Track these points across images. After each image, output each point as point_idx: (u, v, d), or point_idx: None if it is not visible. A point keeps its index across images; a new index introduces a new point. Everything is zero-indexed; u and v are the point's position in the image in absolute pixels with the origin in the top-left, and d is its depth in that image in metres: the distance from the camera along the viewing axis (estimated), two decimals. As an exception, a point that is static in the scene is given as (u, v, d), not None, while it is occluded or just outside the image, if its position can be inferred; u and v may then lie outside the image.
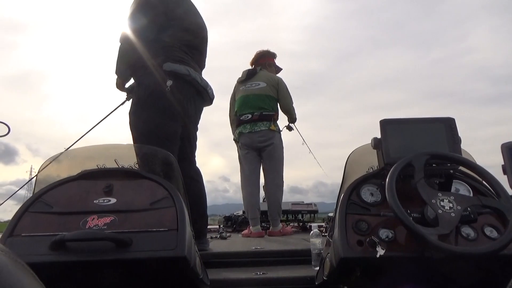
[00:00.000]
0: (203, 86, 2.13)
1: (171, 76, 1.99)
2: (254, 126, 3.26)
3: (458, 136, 1.18)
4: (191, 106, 2.11)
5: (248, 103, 3.33)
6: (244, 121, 3.31)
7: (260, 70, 3.46)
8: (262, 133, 3.24)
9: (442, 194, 1.00)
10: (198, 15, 2.26)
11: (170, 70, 1.99)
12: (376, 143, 1.18)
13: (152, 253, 0.94)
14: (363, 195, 1.14)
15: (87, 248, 0.93)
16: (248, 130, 3.28)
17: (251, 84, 3.39)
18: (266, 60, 3.54)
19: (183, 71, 2.02)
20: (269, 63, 3.55)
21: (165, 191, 1.09)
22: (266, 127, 3.24)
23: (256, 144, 3.27)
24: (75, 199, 1.07)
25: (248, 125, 3.29)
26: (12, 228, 0.98)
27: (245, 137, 3.30)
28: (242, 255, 1.96)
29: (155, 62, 2.00)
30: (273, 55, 3.61)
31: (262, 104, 3.30)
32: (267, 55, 3.57)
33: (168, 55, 2.02)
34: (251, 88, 3.37)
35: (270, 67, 3.54)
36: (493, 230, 1.05)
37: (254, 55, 3.60)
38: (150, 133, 1.95)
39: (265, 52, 3.58)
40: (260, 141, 3.25)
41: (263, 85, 3.35)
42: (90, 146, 1.38)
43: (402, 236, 1.02)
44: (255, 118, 3.26)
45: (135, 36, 1.97)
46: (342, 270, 1.06)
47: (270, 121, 3.27)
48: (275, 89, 3.35)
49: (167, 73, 1.99)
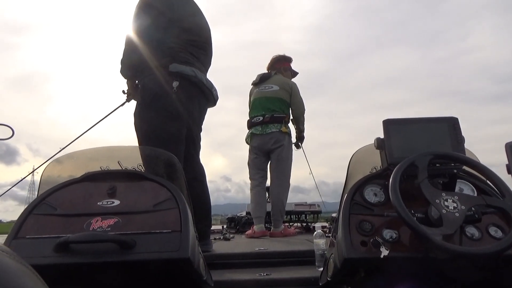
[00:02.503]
0: (208, 87, 2.14)
1: (177, 77, 2.00)
2: (266, 128, 3.29)
3: (462, 135, 1.17)
4: (196, 107, 2.12)
5: (260, 106, 3.38)
6: (255, 123, 3.35)
7: (274, 75, 3.49)
8: (273, 135, 3.27)
9: (446, 194, 1.00)
10: (202, 16, 2.27)
11: (176, 71, 2.00)
12: (379, 143, 1.18)
13: (155, 255, 0.94)
14: (366, 196, 1.13)
15: (91, 250, 0.93)
16: (259, 132, 3.31)
17: (264, 87, 3.43)
18: (282, 65, 3.57)
19: (189, 72, 2.03)
20: (284, 67, 3.57)
21: (168, 193, 1.09)
22: (277, 129, 3.27)
23: (267, 146, 3.29)
24: (79, 201, 1.08)
25: (259, 127, 3.32)
26: (16, 230, 0.99)
27: (257, 139, 3.34)
28: (246, 256, 1.96)
29: (161, 63, 2.00)
30: (288, 60, 3.63)
31: (273, 107, 3.33)
32: (282, 60, 3.59)
33: (174, 56, 2.03)
34: (264, 91, 3.41)
35: (285, 71, 3.57)
36: (497, 230, 1.04)
37: (270, 60, 3.62)
38: (155, 134, 1.95)
39: (280, 57, 3.60)
40: (271, 143, 3.27)
41: (276, 88, 3.37)
42: (93, 148, 1.39)
43: (406, 236, 1.02)
44: (266, 120, 3.29)
45: (139, 37, 1.97)
46: (346, 270, 1.05)
47: (281, 123, 3.29)
48: (288, 94, 3.37)
49: (173, 74, 1.99)
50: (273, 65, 3.58)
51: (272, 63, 3.59)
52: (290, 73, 3.59)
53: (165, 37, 2.04)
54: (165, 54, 2.02)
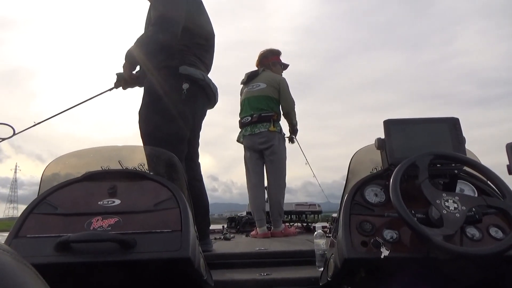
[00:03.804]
0: (213, 91, 2.17)
1: (187, 79, 2.00)
2: (254, 128, 3.27)
3: (463, 136, 1.17)
4: (199, 109, 2.13)
5: (248, 106, 3.35)
6: (245, 124, 3.33)
7: (262, 71, 3.44)
8: (262, 135, 3.24)
9: (446, 195, 1.00)
10: (209, 19, 2.27)
11: (187, 74, 2.00)
12: (380, 144, 1.18)
13: (156, 254, 0.94)
14: (367, 196, 1.13)
15: (91, 249, 0.93)
16: (248, 132, 3.30)
17: (252, 86, 3.39)
18: (270, 60, 3.50)
19: (199, 75, 2.04)
20: (273, 62, 3.50)
21: (169, 192, 1.09)
22: (265, 129, 3.24)
23: (257, 146, 3.27)
24: (80, 200, 1.08)
25: (248, 127, 3.30)
26: (17, 230, 0.99)
27: (247, 139, 3.33)
28: (246, 256, 1.96)
29: (169, 64, 2.00)
30: (276, 53, 3.56)
31: (261, 105, 3.29)
32: (269, 55, 3.53)
33: (183, 59, 2.03)
34: (252, 90, 3.38)
35: (274, 66, 3.50)
36: (498, 230, 1.04)
37: (257, 57, 3.57)
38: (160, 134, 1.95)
39: (267, 52, 3.53)
40: (261, 143, 3.25)
41: (263, 86, 3.33)
42: (94, 148, 1.39)
43: (407, 236, 1.02)
44: (254, 120, 3.27)
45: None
46: (346, 271, 1.05)
47: (270, 122, 3.25)
48: (276, 90, 3.33)
49: (183, 76, 2.00)
50: (261, 62, 3.52)
51: (260, 60, 3.53)
52: (280, 67, 3.53)
53: None
54: (174, 55, 2.02)
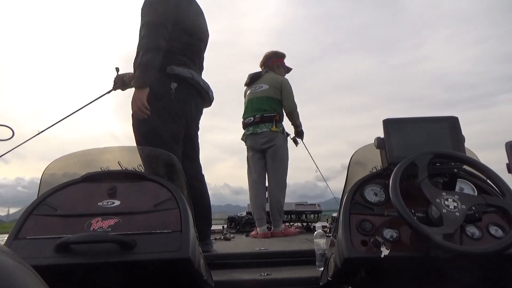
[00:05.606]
0: (204, 88, 2.16)
1: (175, 79, 2.01)
2: (256, 128, 3.33)
3: (462, 135, 1.17)
4: (193, 108, 2.13)
5: (251, 107, 3.41)
6: (248, 124, 3.40)
7: (265, 73, 3.48)
8: (264, 135, 3.30)
9: (446, 194, 1.00)
10: (203, 17, 2.27)
11: (174, 74, 2.01)
12: (379, 143, 1.18)
13: (156, 255, 0.94)
14: (367, 195, 1.13)
15: (91, 250, 0.93)
16: (251, 132, 3.36)
17: (255, 87, 3.45)
18: (274, 62, 3.55)
19: (187, 74, 2.04)
20: (277, 64, 3.55)
21: (169, 193, 1.09)
22: (267, 129, 3.30)
23: (259, 146, 3.33)
24: (79, 201, 1.08)
25: (251, 127, 3.37)
26: (17, 231, 0.99)
27: (250, 139, 3.39)
28: (246, 256, 1.96)
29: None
30: (281, 56, 3.60)
31: (263, 106, 3.35)
32: (274, 57, 3.57)
33: (172, 59, 2.03)
34: (254, 91, 3.43)
35: (278, 68, 3.55)
36: (498, 229, 1.04)
37: (262, 57, 3.60)
38: (154, 134, 1.95)
39: (272, 54, 3.57)
40: (263, 143, 3.30)
41: (265, 87, 3.39)
42: (93, 149, 1.39)
43: (407, 236, 1.02)
44: (256, 121, 3.33)
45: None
46: (347, 270, 1.05)
47: (272, 122, 3.30)
48: (278, 91, 3.37)
49: (171, 76, 2.00)
50: (265, 63, 3.57)
51: (264, 61, 3.58)
52: (283, 70, 3.58)
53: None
54: (163, 56, 2.02)
